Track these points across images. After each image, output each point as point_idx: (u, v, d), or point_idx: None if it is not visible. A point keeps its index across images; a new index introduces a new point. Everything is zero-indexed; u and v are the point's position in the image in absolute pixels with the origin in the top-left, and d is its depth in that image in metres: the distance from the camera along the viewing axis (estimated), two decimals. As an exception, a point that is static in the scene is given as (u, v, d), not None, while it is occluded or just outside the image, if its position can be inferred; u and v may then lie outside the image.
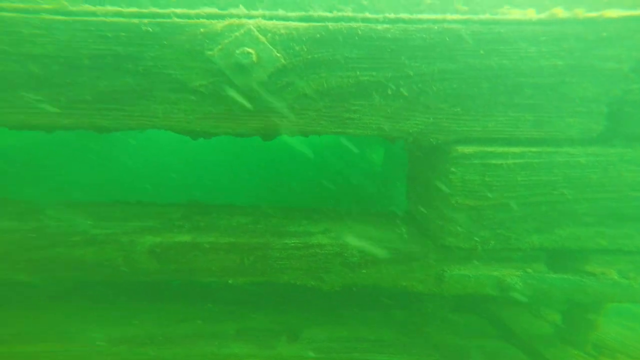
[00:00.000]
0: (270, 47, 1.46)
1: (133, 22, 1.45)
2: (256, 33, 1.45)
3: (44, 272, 1.53)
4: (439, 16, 1.53)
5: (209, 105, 1.57)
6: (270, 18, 1.53)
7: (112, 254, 1.56)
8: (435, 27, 1.53)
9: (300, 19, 1.55)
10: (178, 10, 1.52)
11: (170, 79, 1.50)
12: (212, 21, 1.50)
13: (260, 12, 1.56)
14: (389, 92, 1.61)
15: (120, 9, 1.48)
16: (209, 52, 1.46)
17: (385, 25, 1.52)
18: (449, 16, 1.52)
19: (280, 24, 1.51)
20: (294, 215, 2.02)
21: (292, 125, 1.64)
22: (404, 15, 1.52)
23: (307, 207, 2.16)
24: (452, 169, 1.68)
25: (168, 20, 1.48)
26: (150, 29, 1.45)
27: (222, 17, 1.53)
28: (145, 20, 1.46)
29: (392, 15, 1.53)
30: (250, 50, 1.41)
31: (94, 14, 1.44)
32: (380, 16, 1.53)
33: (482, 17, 1.52)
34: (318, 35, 1.51)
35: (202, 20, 1.50)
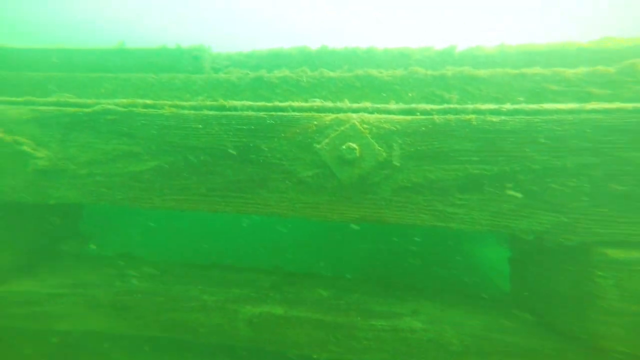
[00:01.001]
0: (373, 141, 1.51)
1: (261, 115, 1.73)
2: (360, 127, 1.53)
3: (168, 331, 1.85)
4: (574, 106, 1.31)
5: (313, 194, 1.69)
6: (373, 111, 1.60)
7: (218, 320, 1.77)
8: (570, 118, 1.30)
9: (404, 112, 1.56)
10: (295, 104, 1.75)
11: (282, 170, 1.70)
12: (322, 114, 1.66)
13: (364, 104, 1.66)
14: (506, 187, 1.42)
15: (251, 103, 1.79)
16: (317, 145, 1.61)
17: (502, 117, 1.38)
18: (587, 105, 1.28)
19: (383, 117, 1.55)
20: (377, 291, 1.92)
21: (390, 217, 1.61)
22: (525, 106, 1.36)
23: (388, 280, 2.03)
24: (600, 273, 1.35)
25: (286, 113, 1.72)
26: (272, 122, 1.70)
27: (331, 110, 1.68)
28: (270, 113, 1.72)
29: (509, 106, 1.39)
30: (354, 145, 1.49)
31: (235, 108, 1.78)
32: (495, 107, 1.41)
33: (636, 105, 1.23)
34: (423, 128, 1.49)
35: (313, 113, 1.68)
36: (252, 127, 1.72)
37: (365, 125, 1.55)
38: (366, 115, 1.55)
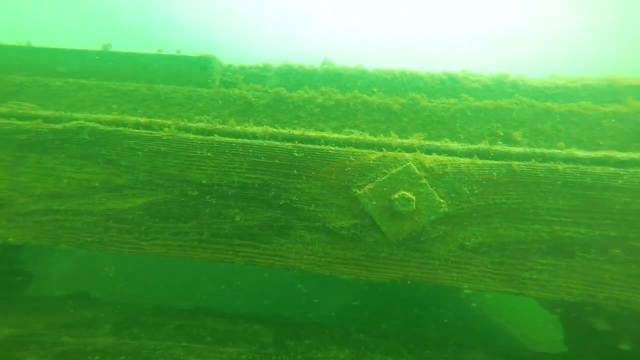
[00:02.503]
0: (433, 190, 1.18)
1: (286, 146, 1.37)
2: (417, 172, 1.20)
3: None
4: None
5: (346, 249, 1.34)
6: (430, 151, 1.27)
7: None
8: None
9: (471, 153, 1.24)
10: (329, 134, 1.40)
11: (309, 217, 1.34)
12: (363, 151, 1.32)
13: (416, 139, 1.33)
14: (609, 254, 1.10)
15: (274, 129, 1.43)
16: (357, 191, 1.26)
17: (611, 169, 1.08)
18: None
19: (445, 159, 1.23)
20: (401, 351, 1.55)
21: (444, 279, 1.26)
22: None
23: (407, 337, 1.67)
24: None
25: (318, 146, 1.37)
26: (301, 156, 1.35)
27: (373, 145, 1.34)
28: (297, 145, 1.36)
29: (622, 155, 1.09)
30: (409, 195, 1.15)
31: (254, 135, 1.42)
32: (600, 154, 1.10)
33: None
34: (498, 177, 1.17)
35: (351, 148, 1.34)
36: (276, 160, 1.36)
37: (423, 170, 1.21)
38: (424, 156, 1.21)
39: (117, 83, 1.77)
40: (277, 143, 1.39)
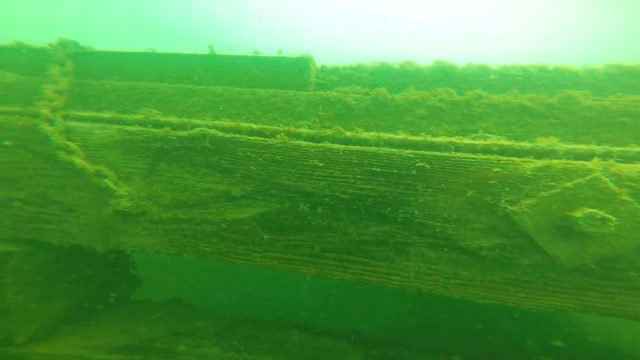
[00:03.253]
0: (639, 206, 0.90)
1: (406, 154, 1.21)
2: (609, 185, 0.93)
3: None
4: None
5: (485, 271, 1.12)
6: (628, 159, 0.98)
7: None
8: None
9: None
10: (459, 140, 1.19)
11: (434, 234, 1.16)
12: (513, 159, 1.09)
13: (590, 146, 1.04)
14: None
15: (391, 135, 1.28)
16: (509, 207, 1.04)
17: None
18: None
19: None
20: None
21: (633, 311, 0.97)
22: None
23: None
24: None
25: (446, 154, 1.18)
26: (427, 166, 1.18)
27: (524, 152, 1.10)
28: (420, 153, 1.19)
29: None
30: (603, 214, 0.89)
31: (366, 142, 1.29)
32: None
33: None
34: None
35: (495, 156, 1.12)
36: (394, 170, 1.21)
37: (618, 182, 0.94)
38: (619, 165, 0.94)
39: (223, 88, 1.79)
40: (395, 150, 1.23)
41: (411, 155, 1.20)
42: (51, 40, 1.75)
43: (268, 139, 1.31)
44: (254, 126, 1.37)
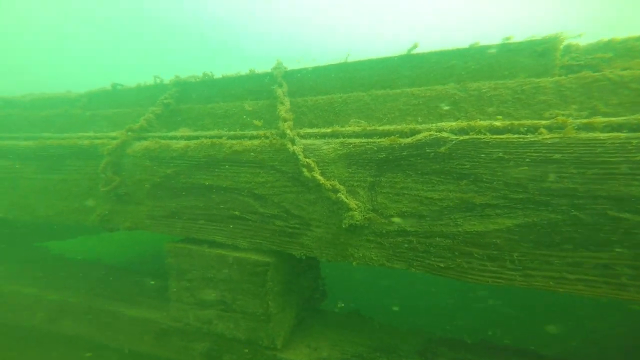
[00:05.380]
0: None
1: None
2: None
3: None
4: None
5: None
6: None
7: None
8: None
9: None
10: None
11: None
12: None
13: None
14: None
15: None
16: None
17: None
18: None
19: None
20: None
21: None
22: None
23: None
24: None
25: None
26: None
27: None
28: None
29: None
30: None
31: None
32: None
33: None
34: None
35: None
36: None
37: None
38: None
39: (421, 88, 1.65)
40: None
41: None
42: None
43: (527, 136, 1.08)
44: (496, 123, 1.17)
